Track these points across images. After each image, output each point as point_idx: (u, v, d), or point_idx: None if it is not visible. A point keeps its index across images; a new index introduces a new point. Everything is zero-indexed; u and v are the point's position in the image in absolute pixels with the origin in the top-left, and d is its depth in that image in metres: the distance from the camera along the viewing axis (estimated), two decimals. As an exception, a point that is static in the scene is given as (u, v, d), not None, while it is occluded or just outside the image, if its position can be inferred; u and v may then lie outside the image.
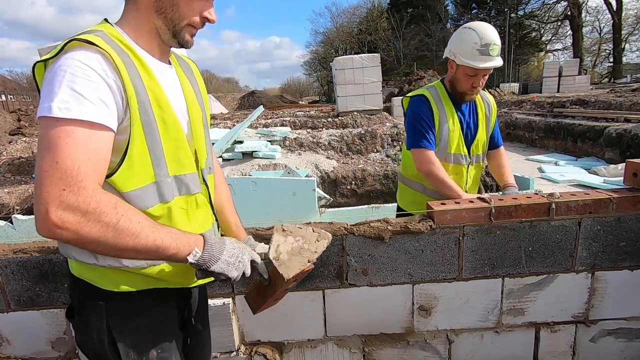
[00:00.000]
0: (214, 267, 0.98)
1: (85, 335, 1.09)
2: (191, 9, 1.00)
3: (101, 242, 0.84)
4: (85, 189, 0.81)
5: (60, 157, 0.80)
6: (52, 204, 0.79)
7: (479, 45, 1.91)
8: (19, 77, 46.06)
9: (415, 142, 2.06)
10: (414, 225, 1.69)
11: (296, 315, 1.83)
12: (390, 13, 38.89)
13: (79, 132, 0.82)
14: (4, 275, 1.75)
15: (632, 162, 1.74)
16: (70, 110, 0.82)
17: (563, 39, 36.69)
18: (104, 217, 0.83)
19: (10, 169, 6.56)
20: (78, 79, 0.83)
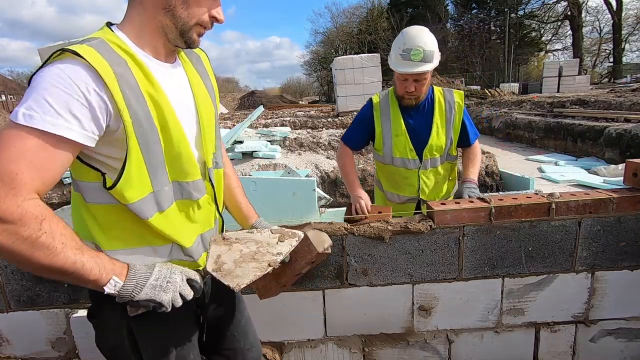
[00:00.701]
0: (139, 296, 0.93)
1: (104, 336, 1.11)
2: (200, 5, 0.99)
3: (13, 253, 0.80)
4: (15, 197, 0.78)
5: (3, 160, 0.79)
6: None
7: (401, 49, 1.91)
8: (19, 77, 46.08)
9: (344, 136, 2.30)
10: (414, 226, 1.70)
11: (296, 315, 1.83)
12: (390, 13, 38.86)
13: (31, 141, 0.81)
14: (4, 275, 1.75)
15: (632, 162, 1.74)
16: (33, 118, 0.80)
17: (563, 39, 36.73)
18: (23, 230, 0.79)
19: (10, 169, 6.58)
20: (54, 89, 0.82)
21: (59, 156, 0.85)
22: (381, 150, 2.16)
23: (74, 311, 1.82)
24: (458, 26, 40.99)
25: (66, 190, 5.39)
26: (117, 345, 1.07)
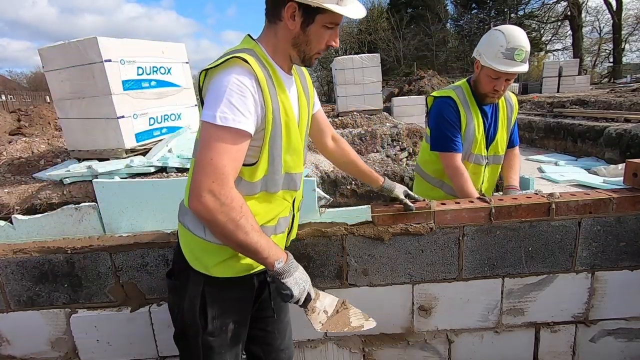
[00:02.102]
0: (286, 280, 1.18)
1: (178, 297, 1.29)
2: (321, 42, 1.19)
3: (224, 229, 1.07)
4: (227, 185, 1.05)
5: (214, 156, 1.04)
6: (204, 189, 1.03)
7: (504, 48, 1.87)
8: (19, 77, 46.07)
9: (443, 145, 2.08)
10: (414, 228, 1.70)
11: (296, 315, 1.83)
12: (390, 13, 38.83)
13: (229, 139, 1.06)
14: (4, 275, 1.75)
15: (632, 162, 1.74)
16: (227, 120, 1.05)
17: (563, 39, 36.66)
18: (232, 212, 1.06)
19: (10, 169, 6.56)
20: (235, 94, 1.06)
21: (243, 147, 1.11)
22: (464, 145, 2.11)
23: (74, 311, 1.82)
24: (458, 26, 40.97)
25: (66, 190, 5.40)
26: (188, 307, 1.26)
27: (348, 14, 1.14)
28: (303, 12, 1.12)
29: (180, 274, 1.31)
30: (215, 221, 1.06)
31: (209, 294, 1.26)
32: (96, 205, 1.99)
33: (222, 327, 1.30)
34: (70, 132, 6.17)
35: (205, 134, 1.07)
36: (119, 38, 5.77)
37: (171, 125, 6.70)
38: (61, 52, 5.64)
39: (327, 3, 1.10)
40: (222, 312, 1.29)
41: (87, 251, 1.73)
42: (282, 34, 1.17)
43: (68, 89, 5.83)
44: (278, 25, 1.17)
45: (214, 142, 1.05)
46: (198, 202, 1.05)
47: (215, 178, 1.04)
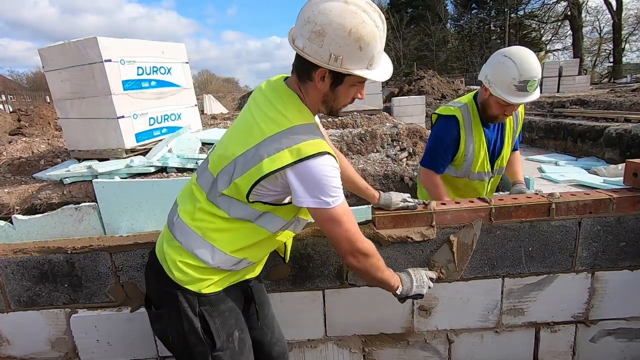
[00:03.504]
0: (411, 293, 1.41)
1: (173, 324, 1.28)
2: (348, 98, 1.25)
3: (369, 271, 1.28)
4: (362, 241, 1.24)
5: (348, 227, 1.20)
6: (351, 252, 1.23)
7: (517, 80, 1.79)
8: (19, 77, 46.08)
9: (429, 163, 2.15)
10: (413, 238, 1.70)
11: (296, 315, 1.83)
12: (390, 13, 38.75)
13: (345, 209, 1.20)
14: (4, 275, 1.75)
15: (632, 162, 1.74)
16: (338, 199, 1.17)
17: (563, 39, 36.64)
18: (373, 258, 1.28)
19: (10, 169, 6.56)
20: (331, 178, 1.15)
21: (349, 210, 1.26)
22: (461, 166, 2.12)
23: (74, 311, 1.82)
24: (458, 26, 40.96)
25: (66, 190, 5.40)
26: (190, 330, 1.26)
27: (375, 78, 1.17)
28: (332, 74, 1.15)
29: (166, 300, 1.29)
30: (364, 267, 1.27)
31: (207, 312, 1.27)
32: (96, 205, 1.99)
33: (229, 339, 1.31)
34: (70, 132, 6.17)
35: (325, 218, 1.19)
36: (119, 38, 5.77)
37: (171, 125, 6.70)
38: (61, 52, 5.64)
39: (357, 70, 1.13)
40: (223, 324, 1.30)
41: (87, 251, 1.73)
42: (313, 94, 1.22)
43: (68, 89, 5.83)
44: (308, 84, 1.20)
45: (340, 218, 1.19)
46: (355, 261, 1.25)
47: (354, 240, 1.22)
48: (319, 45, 1.09)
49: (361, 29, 1.07)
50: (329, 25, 1.07)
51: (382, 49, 1.17)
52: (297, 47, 1.14)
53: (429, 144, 2.17)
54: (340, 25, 1.07)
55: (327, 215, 1.17)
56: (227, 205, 1.22)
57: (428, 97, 16.38)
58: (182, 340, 1.28)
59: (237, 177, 1.17)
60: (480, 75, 1.98)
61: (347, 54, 1.10)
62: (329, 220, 1.18)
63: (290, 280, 1.78)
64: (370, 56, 1.13)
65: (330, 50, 1.09)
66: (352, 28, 1.07)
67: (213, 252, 1.25)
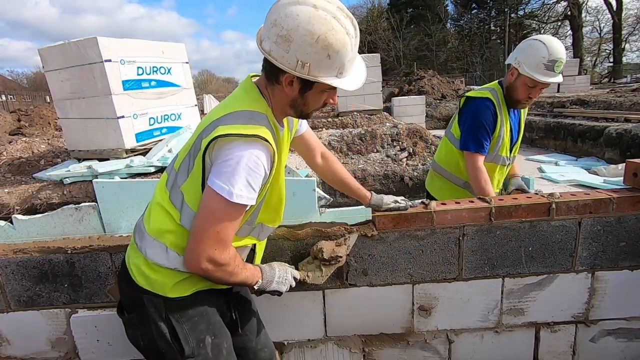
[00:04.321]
0: (270, 288, 1.33)
1: (142, 329, 1.26)
2: (319, 102, 1.20)
3: (221, 279, 1.18)
4: (227, 251, 1.14)
5: (220, 229, 1.10)
6: (204, 256, 1.11)
7: (546, 59, 1.92)
8: (19, 77, 46.08)
9: (472, 146, 2.09)
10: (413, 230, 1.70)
11: (296, 315, 1.83)
12: (390, 13, 38.81)
13: (238, 213, 1.12)
14: (4, 275, 1.75)
15: (632, 162, 1.74)
16: (242, 197, 1.08)
17: (563, 39, 36.59)
18: (228, 267, 1.17)
19: (10, 169, 6.56)
20: (253, 173, 1.08)
21: (242, 218, 1.18)
22: (493, 148, 2.15)
23: (74, 311, 1.82)
24: (458, 26, 40.97)
25: (66, 190, 5.40)
26: (158, 335, 1.22)
27: (345, 87, 1.13)
28: (301, 80, 1.10)
29: (135, 304, 1.26)
30: (211, 277, 1.16)
31: (174, 317, 1.23)
32: (96, 205, 2.00)
33: (199, 345, 1.26)
34: (70, 132, 6.17)
35: (214, 204, 1.09)
36: (119, 38, 5.77)
37: (171, 125, 6.70)
38: (61, 52, 5.64)
39: (325, 78, 1.09)
40: (192, 330, 1.25)
41: (87, 251, 1.73)
42: (279, 96, 1.18)
43: (68, 89, 5.83)
44: (275, 87, 1.16)
45: (222, 215, 1.10)
46: (197, 267, 1.12)
47: (218, 246, 1.11)
48: (285, 50, 1.05)
49: (330, 36, 1.02)
50: (296, 30, 1.02)
51: (353, 56, 1.12)
52: (264, 50, 1.09)
53: (469, 126, 2.11)
54: (308, 31, 1.01)
55: (217, 204, 1.08)
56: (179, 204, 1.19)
57: (428, 97, 16.39)
58: (153, 346, 1.25)
59: (191, 165, 1.15)
60: (509, 59, 2.09)
61: (315, 62, 1.05)
62: (212, 211, 1.08)
63: (290, 280, 1.78)
64: (339, 64, 1.08)
65: (297, 57, 1.04)
66: (320, 35, 1.02)
67: (167, 253, 1.21)
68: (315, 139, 1.64)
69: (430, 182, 2.53)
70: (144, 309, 1.23)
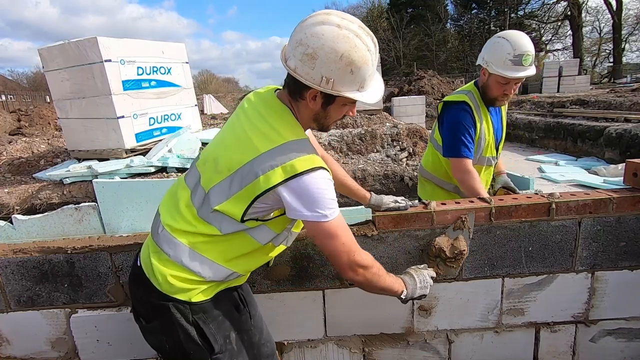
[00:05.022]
0: (416, 295, 1.43)
1: (167, 335, 1.28)
2: (340, 114, 1.26)
3: (372, 282, 1.27)
4: (359, 253, 1.23)
5: (345, 240, 1.20)
6: (352, 265, 1.21)
7: (512, 55, 1.92)
8: (19, 77, 46.09)
9: (456, 151, 2.07)
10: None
11: (296, 315, 1.83)
12: (390, 13, 38.79)
13: (341, 222, 1.20)
14: (4, 275, 1.75)
15: (632, 162, 1.74)
16: (335, 211, 1.17)
17: (563, 39, 36.60)
18: (373, 268, 1.27)
19: (10, 169, 6.56)
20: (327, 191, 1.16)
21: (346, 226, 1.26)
22: (476, 151, 2.14)
23: (74, 311, 1.82)
24: (458, 26, 40.93)
25: (66, 190, 5.40)
26: (186, 338, 1.26)
27: (366, 100, 1.20)
28: (324, 95, 1.17)
29: (157, 312, 1.28)
30: (366, 280, 1.26)
31: (200, 319, 1.28)
32: (96, 205, 2.00)
33: (226, 341, 1.32)
34: (70, 132, 6.17)
35: (324, 229, 1.18)
36: (120, 38, 5.77)
37: (171, 125, 6.70)
38: (61, 52, 5.64)
39: (348, 92, 1.16)
40: (219, 328, 1.31)
41: (87, 251, 1.73)
42: (304, 111, 1.24)
43: (68, 89, 5.83)
44: (300, 102, 1.22)
45: (335, 231, 1.19)
46: (355, 275, 1.24)
47: (352, 253, 1.21)
48: (310, 67, 1.11)
49: (353, 53, 1.09)
50: (321, 49, 1.08)
51: (373, 71, 1.19)
52: (290, 67, 1.15)
53: (449, 132, 2.11)
54: (332, 49, 1.08)
55: (324, 228, 1.17)
56: (218, 222, 1.21)
57: (428, 97, 16.39)
58: (180, 349, 1.28)
59: (234, 192, 1.17)
60: (478, 59, 2.11)
61: (339, 77, 1.11)
62: (326, 234, 1.18)
63: (291, 280, 1.78)
64: (361, 79, 1.15)
65: (322, 73, 1.10)
66: (344, 52, 1.08)
67: (205, 264, 1.25)
68: (314, 142, 1.64)
69: (421, 188, 2.50)
70: (170, 315, 1.25)
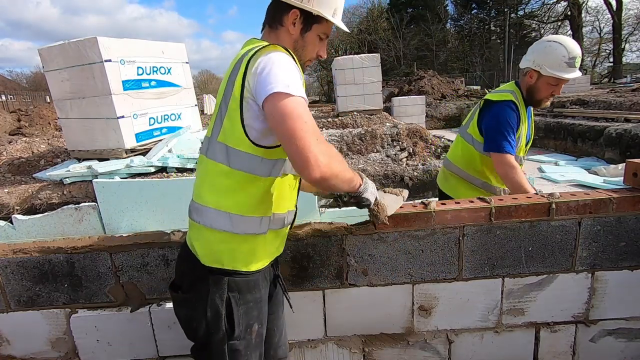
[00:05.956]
0: (365, 195, 1.36)
1: (197, 309, 1.26)
2: (314, 50, 1.33)
3: (339, 175, 1.15)
4: (324, 140, 1.10)
5: (307, 119, 1.07)
6: (314, 151, 1.04)
7: (567, 58, 2.04)
8: (19, 77, 46.10)
9: (500, 146, 2.08)
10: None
11: (296, 315, 1.83)
12: (390, 13, 38.77)
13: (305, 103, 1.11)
14: (4, 275, 1.75)
15: (632, 162, 1.74)
16: (299, 89, 1.09)
17: (563, 39, 36.56)
18: (337, 157, 1.16)
19: (10, 169, 6.56)
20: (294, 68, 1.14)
21: None
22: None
23: (73, 311, 1.82)
24: (458, 26, 40.93)
25: (66, 190, 5.40)
26: (213, 315, 1.24)
27: (340, 25, 1.33)
28: (303, 19, 1.27)
29: (195, 283, 1.28)
30: (334, 173, 1.11)
31: (234, 298, 1.26)
32: (96, 205, 2.00)
33: (247, 329, 1.30)
34: (70, 132, 6.17)
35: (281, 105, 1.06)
36: (120, 38, 5.77)
37: (171, 125, 6.70)
38: (61, 52, 5.64)
39: (326, 13, 1.27)
40: (246, 314, 1.29)
41: (87, 251, 1.73)
42: (284, 38, 1.29)
43: (68, 89, 5.83)
44: (279, 30, 1.29)
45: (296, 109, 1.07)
46: (318, 166, 1.04)
47: (317, 137, 1.07)
48: None
49: None
50: None
51: (342, 4, 1.33)
52: None
53: (494, 128, 2.13)
54: None
55: (287, 104, 1.06)
56: (224, 154, 1.19)
57: (428, 97, 16.39)
58: (205, 327, 1.26)
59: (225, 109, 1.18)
60: (524, 63, 2.19)
61: None
62: (289, 113, 1.06)
63: (290, 280, 1.78)
64: (335, 5, 1.29)
65: None
66: None
67: (230, 217, 1.23)
68: None
69: (444, 181, 2.53)
70: (207, 287, 1.24)
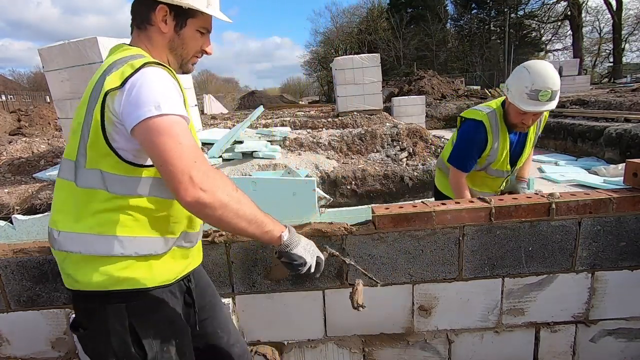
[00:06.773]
0: (296, 250, 1.14)
1: (102, 343, 1.12)
2: (196, 46, 1.20)
3: (230, 207, 0.97)
4: (206, 162, 0.97)
5: (183, 140, 0.95)
6: (192, 171, 0.92)
7: (529, 89, 1.92)
8: (20, 77, 46.10)
9: (458, 162, 2.25)
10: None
11: (296, 315, 1.83)
12: (390, 13, 38.79)
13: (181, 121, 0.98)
14: (4, 275, 1.75)
15: (632, 162, 1.73)
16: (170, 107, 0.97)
17: (563, 39, 36.60)
18: (228, 185, 0.99)
19: (10, 169, 6.56)
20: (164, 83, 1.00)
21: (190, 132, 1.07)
22: (482, 163, 2.23)
23: (74, 311, 1.82)
24: (458, 26, 40.96)
25: (66, 190, 5.40)
26: (121, 345, 1.11)
27: (216, 14, 1.17)
28: (174, 15, 1.13)
29: (93, 317, 1.14)
30: (217, 200, 0.95)
31: (138, 323, 1.12)
32: (96, 205, 1.99)
33: (163, 349, 1.16)
34: (70, 132, 6.16)
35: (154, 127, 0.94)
36: (120, 38, 5.76)
37: (171, 125, 6.68)
38: (61, 52, 5.64)
39: (197, 3, 1.12)
40: (157, 334, 1.16)
41: (87, 251, 1.73)
42: (157, 39, 1.15)
43: (68, 89, 5.83)
44: (149, 30, 1.14)
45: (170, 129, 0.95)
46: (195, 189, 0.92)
47: (196, 158, 0.94)
48: None
49: None
50: None
51: None
52: None
53: (458, 145, 2.26)
54: None
55: (158, 126, 0.94)
56: (98, 179, 1.06)
57: (428, 97, 16.40)
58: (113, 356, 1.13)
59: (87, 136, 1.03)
60: (505, 84, 2.16)
61: None
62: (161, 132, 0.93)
63: (290, 280, 1.78)
64: None
65: None
66: None
67: (118, 241, 1.08)
68: None
69: (440, 179, 2.59)
70: (105, 320, 1.11)
